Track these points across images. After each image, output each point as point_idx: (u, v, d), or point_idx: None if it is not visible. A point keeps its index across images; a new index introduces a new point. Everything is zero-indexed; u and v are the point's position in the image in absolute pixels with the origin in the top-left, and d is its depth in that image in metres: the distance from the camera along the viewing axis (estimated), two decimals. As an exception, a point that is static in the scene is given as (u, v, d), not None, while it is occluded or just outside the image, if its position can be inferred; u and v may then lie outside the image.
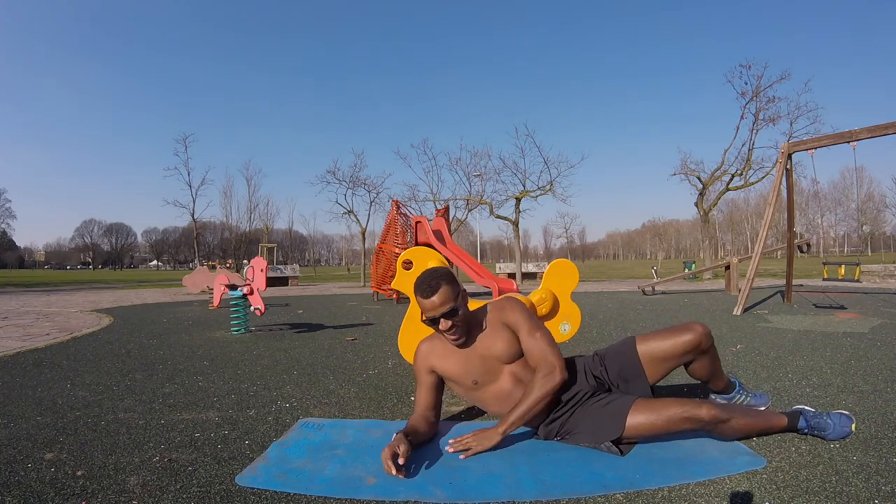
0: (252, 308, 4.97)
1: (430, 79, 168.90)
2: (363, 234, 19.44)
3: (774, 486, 1.42)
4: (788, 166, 6.53)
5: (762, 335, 4.28)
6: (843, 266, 9.90)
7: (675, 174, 19.01)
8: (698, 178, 18.38)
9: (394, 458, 1.53)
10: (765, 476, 1.49)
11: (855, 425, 1.78)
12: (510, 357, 1.81)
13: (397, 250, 8.76)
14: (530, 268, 20.35)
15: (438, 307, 1.72)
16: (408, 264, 2.51)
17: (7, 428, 2.07)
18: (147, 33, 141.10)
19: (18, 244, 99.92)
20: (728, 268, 10.13)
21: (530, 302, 2.61)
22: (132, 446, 1.84)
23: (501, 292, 6.82)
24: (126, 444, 1.85)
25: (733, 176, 17.65)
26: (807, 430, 1.76)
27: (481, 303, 2.04)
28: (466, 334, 1.81)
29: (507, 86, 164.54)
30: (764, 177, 17.29)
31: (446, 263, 2.48)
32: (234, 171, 72.67)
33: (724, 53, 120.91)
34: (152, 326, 5.72)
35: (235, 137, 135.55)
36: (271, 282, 17.01)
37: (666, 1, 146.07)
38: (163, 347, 4.18)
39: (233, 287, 5.14)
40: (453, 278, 1.80)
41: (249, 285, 4.98)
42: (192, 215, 28.98)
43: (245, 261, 31.18)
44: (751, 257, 6.94)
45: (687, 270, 17.98)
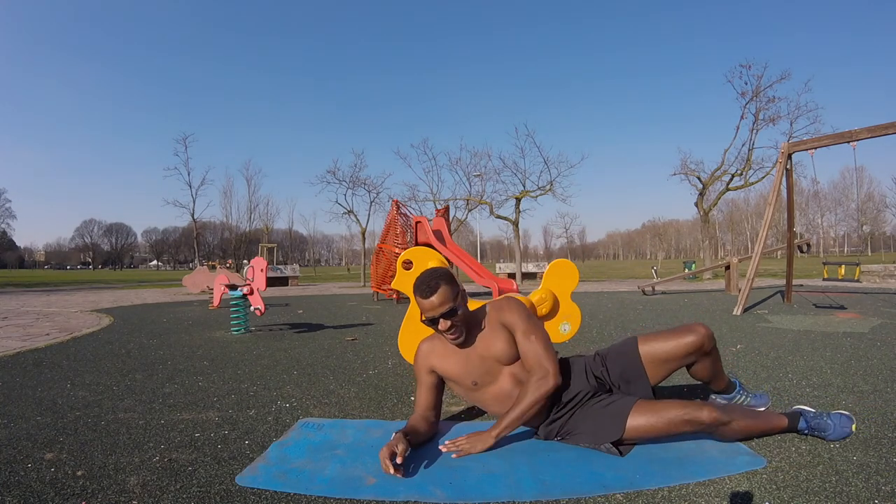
0: (252, 308, 4.97)
1: (430, 79, 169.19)
2: (363, 234, 19.45)
3: (774, 486, 1.42)
4: (788, 166, 6.54)
5: (762, 335, 4.28)
6: (843, 266, 9.90)
7: (675, 174, 19.06)
8: (698, 178, 18.40)
9: (391, 457, 1.53)
10: (765, 476, 1.49)
11: (855, 426, 1.78)
12: (509, 358, 1.80)
13: (397, 250, 8.76)
14: (530, 268, 20.35)
15: (437, 307, 1.72)
16: (408, 264, 2.51)
17: (7, 428, 2.07)
18: (147, 33, 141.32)
19: (18, 244, 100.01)
20: (728, 268, 10.14)
21: (530, 302, 2.61)
22: (132, 446, 1.84)
23: (501, 292, 6.81)
24: (126, 444, 1.85)
25: (733, 176, 17.68)
26: (807, 431, 1.76)
27: (481, 303, 2.04)
28: (466, 334, 1.81)
29: (507, 86, 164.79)
30: (764, 177, 17.32)
31: (446, 263, 2.48)
32: (234, 171, 72.77)
33: (724, 53, 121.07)
34: (152, 326, 5.72)
35: (235, 137, 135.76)
36: (271, 282, 17.01)
37: (666, 1, 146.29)
38: (163, 347, 4.19)
39: (233, 287, 5.14)
40: (452, 278, 1.80)
41: (249, 285, 4.98)
42: (192, 215, 29.01)
43: (245, 261, 31.18)
44: (751, 257, 6.95)
45: (687, 270, 17.98)
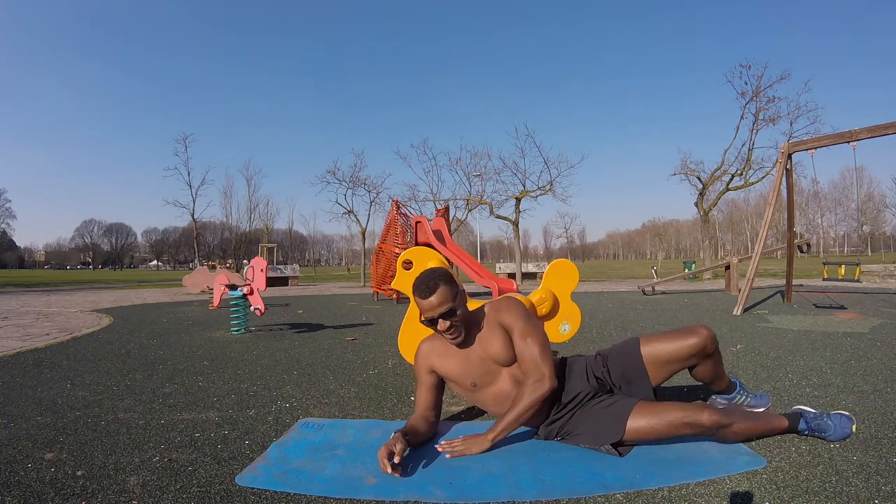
0: (252, 308, 4.97)
1: (430, 79, 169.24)
2: (363, 234, 19.45)
3: (774, 486, 1.42)
4: (788, 166, 6.54)
5: (762, 335, 4.28)
6: (843, 266, 9.90)
7: (675, 174, 19.05)
8: (698, 178, 18.39)
9: (389, 456, 1.53)
10: (765, 476, 1.49)
11: (856, 426, 1.78)
12: (507, 360, 1.80)
13: (397, 250, 8.76)
14: (530, 268, 20.34)
15: (436, 307, 1.72)
16: (408, 264, 2.51)
17: (7, 428, 2.07)
18: (147, 33, 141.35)
19: (18, 244, 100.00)
20: (728, 268, 10.14)
21: (530, 302, 2.61)
22: (132, 446, 1.84)
23: (501, 292, 6.81)
24: (126, 444, 1.85)
25: (733, 176, 17.67)
26: (807, 432, 1.76)
27: (481, 303, 2.04)
28: (465, 334, 1.81)
29: (507, 86, 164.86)
30: (764, 177, 17.32)
31: (446, 263, 2.48)
32: (234, 171, 72.77)
33: (724, 53, 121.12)
34: (152, 326, 5.72)
35: (235, 137, 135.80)
36: (271, 282, 17.01)
37: (666, 1, 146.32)
38: (163, 347, 4.19)
39: (233, 287, 5.14)
40: (451, 279, 1.80)
41: (249, 285, 4.98)
42: (192, 215, 29.00)
43: (245, 261, 31.18)
44: (751, 257, 6.95)
45: (687, 270, 17.98)
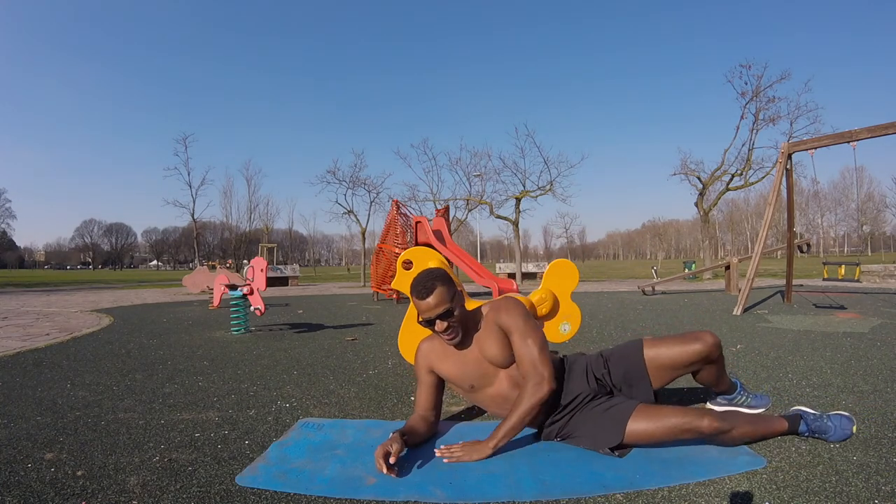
0: (252, 308, 4.97)
1: (430, 79, 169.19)
2: (363, 234, 19.44)
3: (774, 486, 1.42)
4: (788, 166, 6.54)
5: (762, 335, 4.28)
6: (843, 266, 9.90)
7: (675, 174, 19.06)
8: (698, 178, 18.39)
9: (385, 457, 1.53)
10: (765, 476, 1.49)
11: (856, 427, 1.78)
12: (504, 362, 1.78)
13: (397, 250, 8.76)
14: (530, 268, 20.34)
15: (434, 308, 1.71)
16: (408, 264, 2.51)
17: (7, 428, 2.07)
18: (147, 33, 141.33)
19: (18, 244, 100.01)
20: (728, 268, 10.14)
21: (530, 302, 2.61)
22: (132, 446, 1.84)
23: (501, 292, 6.81)
24: (126, 444, 1.85)
25: (733, 176, 17.67)
26: (808, 434, 1.76)
27: (480, 302, 2.03)
28: (463, 335, 1.80)
29: (507, 86, 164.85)
30: (764, 177, 17.32)
31: (446, 263, 2.48)
32: (234, 171, 72.78)
33: (724, 53, 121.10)
34: (152, 326, 5.72)
35: (235, 137, 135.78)
36: (271, 282, 17.01)
37: (666, 1, 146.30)
38: (163, 347, 4.19)
39: (233, 287, 5.14)
40: (449, 279, 1.79)
41: (249, 285, 4.98)
42: (192, 215, 29.02)
43: (245, 261, 31.18)
44: (751, 257, 6.95)
45: (687, 270, 17.98)
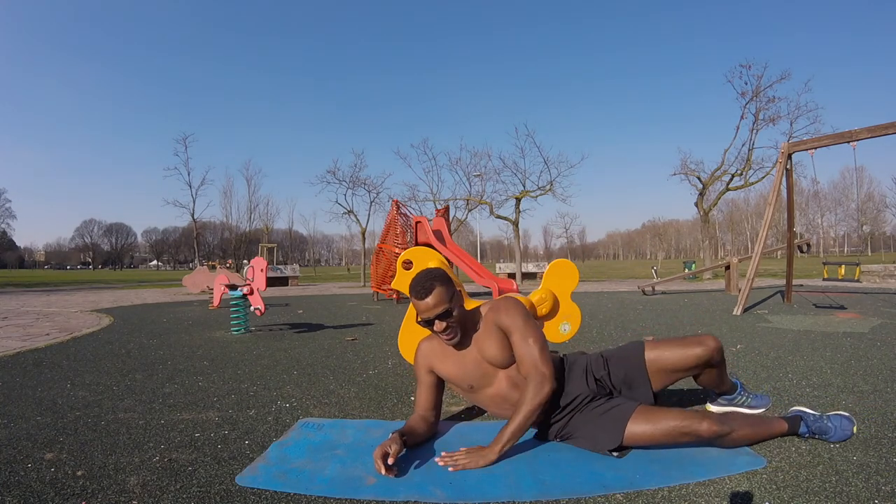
0: (252, 308, 4.97)
1: (430, 79, 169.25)
2: (363, 234, 19.44)
3: (774, 486, 1.42)
4: (788, 166, 6.54)
5: (762, 335, 4.28)
6: (843, 266, 9.89)
7: (675, 174, 19.05)
8: (698, 178, 18.39)
9: (384, 457, 1.53)
10: (765, 476, 1.49)
11: (856, 427, 1.77)
12: (503, 362, 1.78)
13: (397, 250, 8.76)
14: (530, 268, 20.34)
15: (433, 308, 1.71)
16: (408, 264, 2.51)
17: (7, 428, 2.07)
18: (147, 33, 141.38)
19: (18, 244, 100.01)
20: (728, 268, 10.14)
21: (530, 302, 2.60)
22: (132, 446, 1.84)
23: (501, 292, 6.81)
24: (126, 444, 1.85)
25: (733, 176, 17.67)
26: (808, 435, 1.75)
27: (478, 302, 2.03)
28: (462, 335, 1.80)
29: (507, 86, 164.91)
30: (764, 177, 17.31)
31: (446, 263, 2.48)
32: (234, 171, 72.81)
33: (724, 53, 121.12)
34: (152, 326, 5.72)
35: (235, 137, 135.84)
36: (271, 282, 17.01)
37: (666, 1, 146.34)
38: (163, 347, 4.19)
39: (233, 287, 5.14)
40: (448, 279, 1.79)
41: (249, 285, 4.98)
42: (192, 215, 29.01)
43: (245, 261, 31.19)
44: (751, 257, 6.95)
45: (687, 270, 17.98)
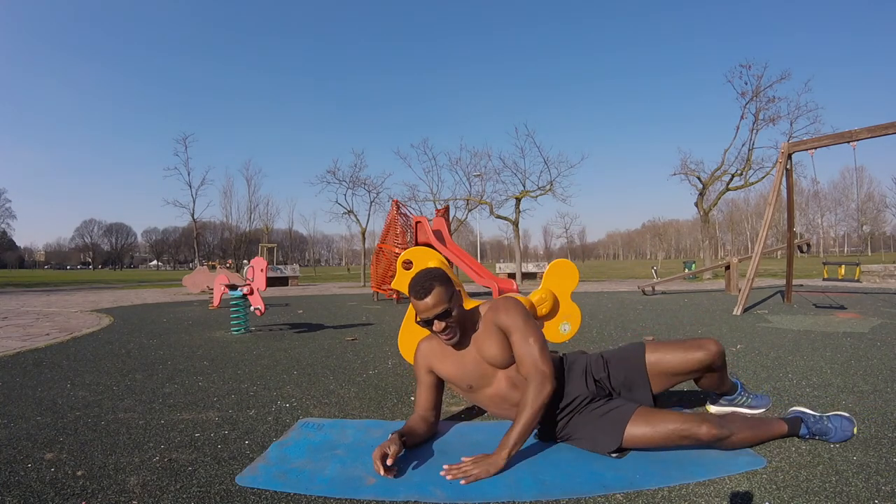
0: (252, 308, 4.97)
1: (430, 79, 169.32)
2: (363, 234, 19.44)
3: (774, 486, 1.42)
4: (788, 166, 6.54)
5: (762, 335, 4.28)
6: (843, 266, 9.89)
7: (675, 174, 19.04)
8: (698, 178, 18.39)
9: (383, 458, 1.53)
10: (765, 476, 1.49)
11: (857, 428, 1.77)
12: (503, 362, 1.77)
13: (397, 250, 8.76)
14: (530, 268, 20.34)
15: (432, 308, 1.70)
16: (408, 264, 2.51)
17: (7, 428, 2.07)
18: (147, 33, 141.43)
19: (18, 244, 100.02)
20: (728, 268, 10.13)
21: (530, 302, 2.60)
22: (132, 446, 1.84)
23: (501, 292, 6.81)
24: (126, 444, 1.85)
25: (733, 176, 17.67)
26: (808, 436, 1.75)
27: (477, 302, 2.02)
28: (461, 335, 1.79)
29: (507, 86, 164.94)
30: (764, 177, 17.31)
31: (446, 263, 2.48)
32: (234, 171, 72.77)
33: (724, 53, 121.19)
34: (152, 326, 5.72)
35: (235, 137, 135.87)
36: (271, 282, 17.01)
37: (666, 1, 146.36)
38: (163, 347, 4.19)
39: (233, 287, 5.14)
40: (447, 279, 1.78)
41: (249, 285, 4.98)
42: (192, 215, 29.01)
43: (245, 261, 31.19)
44: (751, 257, 6.95)
45: (687, 270, 17.98)
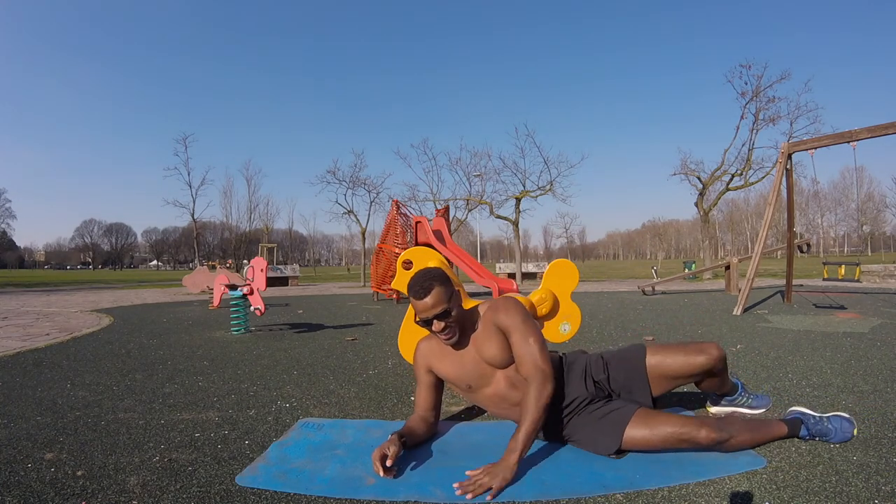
0: (252, 308, 4.97)
1: (430, 79, 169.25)
2: (363, 234, 19.44)
3: (774, 486, 1.42)
4: (788, 166, 6.53)
5: (762, 335, 4.28)
6: (843, 266, 9.90)
7: (675, 174, 19.03)
8: (698, 178, 18.38)
9: (382, 459, 1.53)
10: (765, 476, 1.49)
11: (857, 430, 1.76)
12: (501, 362, 1.76)
13: (397, 250, 8.76)
14: (530, 268, 20.33)
15: (431, 308, 1.70)
16: (408, 264, 2.51)
17: (7, 428, 2.07)
18: (147, 33, 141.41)
19: (18, 244, 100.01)
20: (728, 268, 10.13)
21: (530, 302, 2.60)
22: (132, 446, 1.84)
23: (501, 292, 6.81)
24: (126, 444, 1.85)
25: (733, 176, 17.66)
26: (808, 438, 1.75)
27: (476, 301, 2.02)
28: (460, 335, 1.79)
29: (507, 86, 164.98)
30: (764, 177, 17.31)
31: (446, 263, 2.48)
32: (234, 171, 72.66)
33: (724, 53, 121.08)
34: (152, 326, 5.72)
35: (235, 137, 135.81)
36: (271, 282, 17.01)
37: (666, 1, 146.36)
38: (163, 347, 4.19)
39: (233, 287, 5.14)
40: (447, 279, 1.77)
41: (249, 285, 4.98)
42: (192, 215, 29.02)
43: (245, 261, 31.19)
44: (751, 257, 6.95)
45: (687, 270, 17.98)
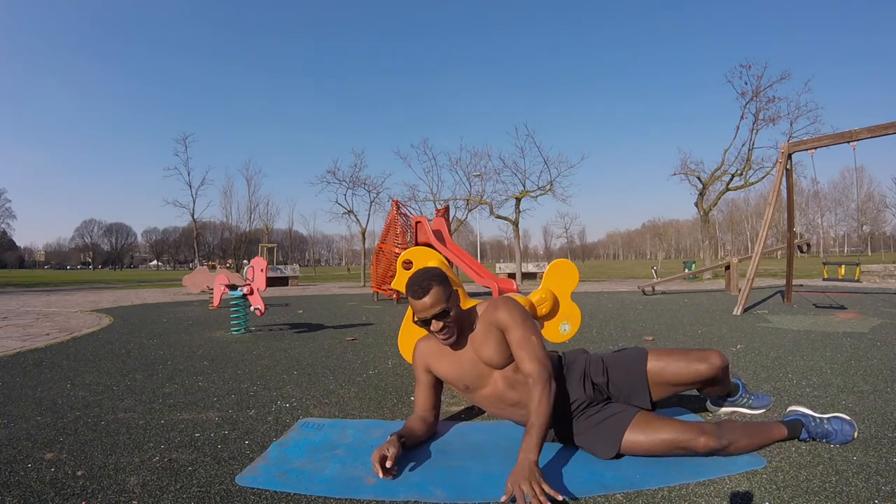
0: (252, 308, 4.97)
1: (430, 79, 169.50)
2: (363, 234, 19.44)
3: (774, 486, 1.42)
4: (788, 166, 6.54)
5: (762, 335, 4.28)
6: (843, 266, 9.91)
7: (675, 174, 19.06)
8: (698, 178, 18.39)
9: (382, 460, 1.53)
10: (765, 476, 1.49)
11: (857, 432, 1.76)
12: (499, 363, 1.76)
13: (397, 250, 8.76)
14: (530, 268, 20.34)
15: (429, 308, 1.70)
16: (408, 264, 2.51)
17: (7, 428, 2.07)
18: (147, 33, 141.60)
19: (18, 244, 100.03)
20: (728, 268, 10.14)
21: (530, 302, 2.60)
22: (132, 446, 1.84)
23: (501, 292, 6.81)
24: (126, 444, 1.85)
25: (733, 176, 17.67)
26: (808, 440, 1.75)
27: (474, 301, 2.01)
28: (458, 335, 1.78)
29: (507, 86, 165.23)
30: (764, 177, 17.32)
31: (446, 263, 2.48)
32: (234, 171, 72.72)
33: (724, 53, 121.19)
34: (152, 326, 5.72)
35: (235, 137, 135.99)
36: (271, 282, 17.01)
37: (666, 1, 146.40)
38: (163, 347, 4.19)
39: (233, 287, 5.14)
40: (446, 279, 1.77)
41: (249, 285, 4.98)
42: (192, 215, 29.04)
43: (245, 261, 31.19)
44: (751, 257, 6.95)
45: (687, 270, 17.98)
